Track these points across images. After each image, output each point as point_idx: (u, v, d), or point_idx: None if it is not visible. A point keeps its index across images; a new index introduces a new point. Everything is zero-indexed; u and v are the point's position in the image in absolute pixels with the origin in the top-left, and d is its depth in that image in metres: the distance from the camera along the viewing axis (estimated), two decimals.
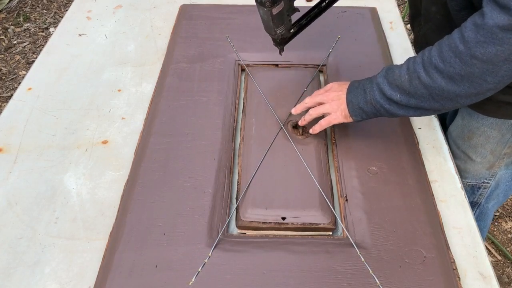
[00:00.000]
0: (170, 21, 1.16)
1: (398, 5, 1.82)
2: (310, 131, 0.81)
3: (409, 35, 1.19)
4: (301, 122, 0.83)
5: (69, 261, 0.69)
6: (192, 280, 0.65)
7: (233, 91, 0.94)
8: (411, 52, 1.07)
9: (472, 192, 0.98)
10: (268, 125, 0.87)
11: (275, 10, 0.73)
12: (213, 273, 0.66)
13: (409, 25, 2.48)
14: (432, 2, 0.76)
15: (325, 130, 0.87)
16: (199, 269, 0.67)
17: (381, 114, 0.73)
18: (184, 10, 1.17)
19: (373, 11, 1.16)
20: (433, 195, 0.77)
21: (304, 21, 0.86)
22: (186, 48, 1.05)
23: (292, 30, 0.84)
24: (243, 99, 0.94)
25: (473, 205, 1.00)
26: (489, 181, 0.94)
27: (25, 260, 0.70)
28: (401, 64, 0.70)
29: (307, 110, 0.82)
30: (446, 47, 0.63)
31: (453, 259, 0.68)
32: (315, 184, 0.76)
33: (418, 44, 0.91)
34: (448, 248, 0.70)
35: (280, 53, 0.87)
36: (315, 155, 0.81)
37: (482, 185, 0.95)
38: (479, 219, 1.04)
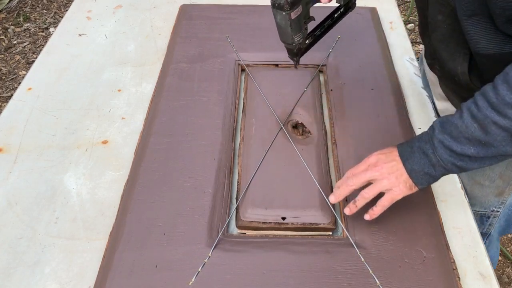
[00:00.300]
0: (170, 21, 1.16)
1: (398, 5, 1.82)
2: (367, 217, 0.68)
3: (409, 35, 1.19)
4: (350, 211, 0.69)
5: (69, 261, 0.69)
6: (192, 280, 0.65)
7: (233, 91, 0.95)
8: (411, 52, 1.08)
9: (481, 222, 0.93)
10: (268, 125, 0.87)
11: (293, 15, 0.69)
12: (213, 273, 0.66)
13: (409, 25, 2.48)
14: (439, 11, 0.72)
15: (325, 130, 0.87)
16: (199, 269, 0.67)
17: (451, 172, 0.65)
18: (184, 10, 1.17)
19: (373, 11, 1.16)
20: (433, 195, 0.77)
21: (318, 31, 0.81)
22: (186, 48, 1.05)
23: (307, 41, 0.79)
24: (243, 99, 0.95)
25: (483, 235, 0.94)
26: (499, 209, 0.89)
27: (25, 260, 0.70)
28: (458, 114, 0.62)
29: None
30: None
31: (453, 259, 0.68)
32: (315, 184, 0.76)
33: (428, 54, 0.85)
34: (448, 248, 0.70)
35: (295, 66, 0.82)
36: (315, 155, 0.81)
37: (491, 214, 0.90)
38: (489, 248, 0.98)
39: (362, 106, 0.91)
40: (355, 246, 0.69)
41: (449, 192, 0.79)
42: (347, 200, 0.75)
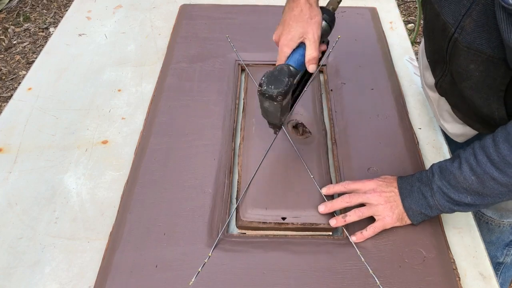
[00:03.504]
0: (170, 21, 1.16)
1: (398, 5, 1.82)
2: (355, 238, 0.70)
3: (409, 35, 1.19)
4: (337, 223, 0.71)
5: (69, 261, 0.69)
6: (192, 280, 0.65)
7: (233, 91, 0.95)
8: (411, 52, 1.08)
9: None
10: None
11: (284, 101, 0.66)
12: (213, 273, 0.66)
13: (409, 25, 2.48)
14: (471, 60, 0.67)
15: (325, 130, 0.87)
16: (199, 269, 0.67)
17: (449, 213, 0.69)
18: (184, 10, 1.17)
19: (373, 11, 1.16)
20: None
21: (297, 92, 0.76)
22: (186, 48, 1.05)
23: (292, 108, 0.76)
24: (243, 99, 0.94)
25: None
26: None
27: (25, 260, 0.70)
28: (456, 163, 0.65)
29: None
30: None
31: (453, 259, 0.68)
32: (315, 184, 0.76)
33: (440, 87, 0.81)
34: (448, 248, 0.70)
35: (275, 133, 0.77)
36: (315, 155, 0.81)
37: None
38: None
39: (362, 106, 0.91)
40: (355, 246, 0.69)
41: None
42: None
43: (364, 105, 0.91)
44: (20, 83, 1.02)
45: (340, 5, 0.94)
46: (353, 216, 0.70)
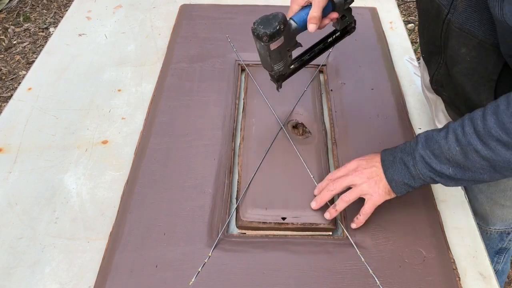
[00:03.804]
0: (170, 21, 1.16)
1: (398, 5, 1.82)
2: (353, 225, 0.71)
3: (409, 35, 1.19)
4: (330, 215, 0.71)
5: (69, 261, 0.69)
6: (192, 280, 0.65)
7: (233, 91, 0.95)
8: (411, 52, 1.08)
9: (501, 238, 0.92)
10: (268, 125, 0.86)
11: (273, 46, 0.68)
12: (213, 273, 0.66)
13: (409, 25, 2.48)
14: (463, 43, 0.67)
15: (325, 130, 0.87)
16: (199, 269, 0.67)
17: (430, 184, 0.68)
18: (184, 10, 1.17)
19: (373, 11, 1.16)
20: (433, 195, 0.77)
21: (307, 56, 0.79)
22: (186, 48, 1.05)
23: (292, 66, 0.78)
24: (243, 99, 0.94)
25: (501, 251, 0.94)
26: None
27: (25, 260, 0.70)
28: (443, 132, 0.63)
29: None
30: (507, 117, 0.56)
31: (453, 259, 0.68)
32: (315, 184, 0.76)
33: (435, 82, 0.82)
34: (448, 248, 0.70)
35: (277, 89, 0.80)
36: (315, 155, 0.81)
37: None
38: (507, 262, 0.98)
39: (362, 106, 0.91)
40: (355, 246, 0.69)
41: (449, 192, 0.79)
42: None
43: (364, 105, 0.91)
44: (20, 83, 1.01)
45: None
46: (341, 203, 0.70)
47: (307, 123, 0.86)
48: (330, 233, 0.73)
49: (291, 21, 0.70)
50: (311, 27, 0.69)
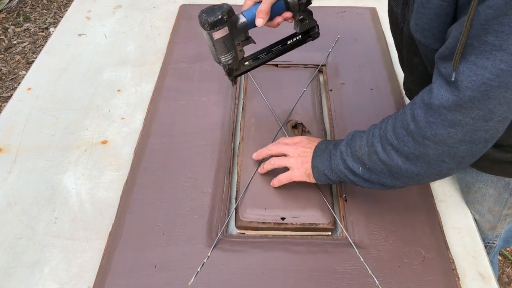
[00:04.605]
0: (170, 21, 1.16)
1: None
2: (271, 183, 0.75)
3: None
4: (260, 170, 0.77)
5: (69, 261, 0.69)
6: (192, 280, 0.65)
7: (233, 91, 0.94)
8: None
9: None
10: (268, 125, 0.86)
11: (217, 35, 0.68)
12: (212, 273, 0.66)
13: None
14: (414, 53, 0.68)
15: (324, 130, 0.87)
16: (199, 269, 0.67)
17: (347, 182, 0.67)
18: (184, 10, 1.17)
19: (373, 11, 1.16)
20: (432, 195, 0.77)
21: (263, 55, 0.78)
22: (186, 48, 1.05)
23: (247, 63, 0.77)
24: (243, 99, 0.94)
25: None
26: (494, 242, 0.87)
27: (24, 260, 0.70)
28: (364, 132, 0.65)
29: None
30: (399, 123, 0.58)
31: (453, 259, 0.68)
32: (314, 184, 0.76)
33: (405, 88, 0.85)
34: (447, 248, 0.70)
35: (232, 85, 0.80)
36: None
37: (487, 245, 0.88)
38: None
39: (361, 106, 0.91)
40: (354, 246, 0.69)
41: (449, 192, 0.79)
42: (346, 200, 0.75)
43: (364, 105, 0.91)
44: (20, 83, 1.01)
45: (340, 5, 0.93)
46: (268, 165, 0.75)
47: (306, 123, 0.86)
48: (329, 233, 0.73)
49: (240, 15, 0.70)
50: (258, 21, 0.69)
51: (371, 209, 0.74)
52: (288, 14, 0.73)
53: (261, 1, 0.70)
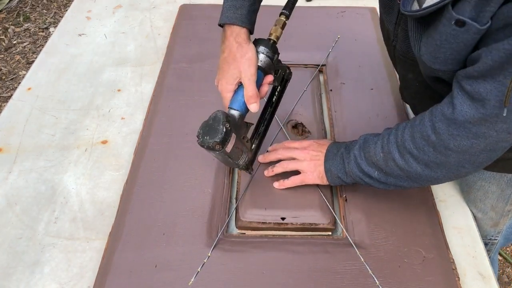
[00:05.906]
0: (170, 21, 1.16)
1: None
2: (277, 185, 0.75)
3: None
4: (267, 173, 0.76)
5: (69, 261, 0.69)
6: (192, 280, 0.65)
7: None
8: None
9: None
10: None
11: (229, 147, 0.64)
12: (212, 273, 0.66)
13: None
14: (409, 69, 0.69)
15: (324, 130, 0.87)
16: (199, 269, 0.67)
17: (362, 184, 0.69)
18: (184, 10, 1.17)
19: (373, 11, 1.16)
20: (432, 195, 0.77)
21: (262, 127, 0.77)
22: (186, 48, 1.05)
23: (254, 146, 0.74)
24: None
25: None
26: (496, 238, 0.88)
27: (24, 260, 0.70)
28: (376, 137, 0.67)
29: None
30: (418, 134, 0.59)
31: (453, 259, 0.68)
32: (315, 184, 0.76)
33: (402, 96, 0.84)
34: (447, 248, 0.70)
35: (249, 173, 0.76)
36: None
37: (489, 242, 0.89)
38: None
39: (361, 106, 0.91)
40: (354, 246, 0.69)
41: (449, 192, 0.79)
42: (346, 200, 0.75)
43: (364, 105, 0.91)
44: (20, 83, 1.01)
45: (340, 5, 0.93)
46: (279, 168, 0.75)
47: (306, 123, 0.86)
48: (330, 233, 0.73)
49: (232, 111, 0.67)
50: (253, 107, 0.68)
51: (371, 209, 0.74)
52: (270, 78, 0.71)
53: (239, 88, 0.68)
